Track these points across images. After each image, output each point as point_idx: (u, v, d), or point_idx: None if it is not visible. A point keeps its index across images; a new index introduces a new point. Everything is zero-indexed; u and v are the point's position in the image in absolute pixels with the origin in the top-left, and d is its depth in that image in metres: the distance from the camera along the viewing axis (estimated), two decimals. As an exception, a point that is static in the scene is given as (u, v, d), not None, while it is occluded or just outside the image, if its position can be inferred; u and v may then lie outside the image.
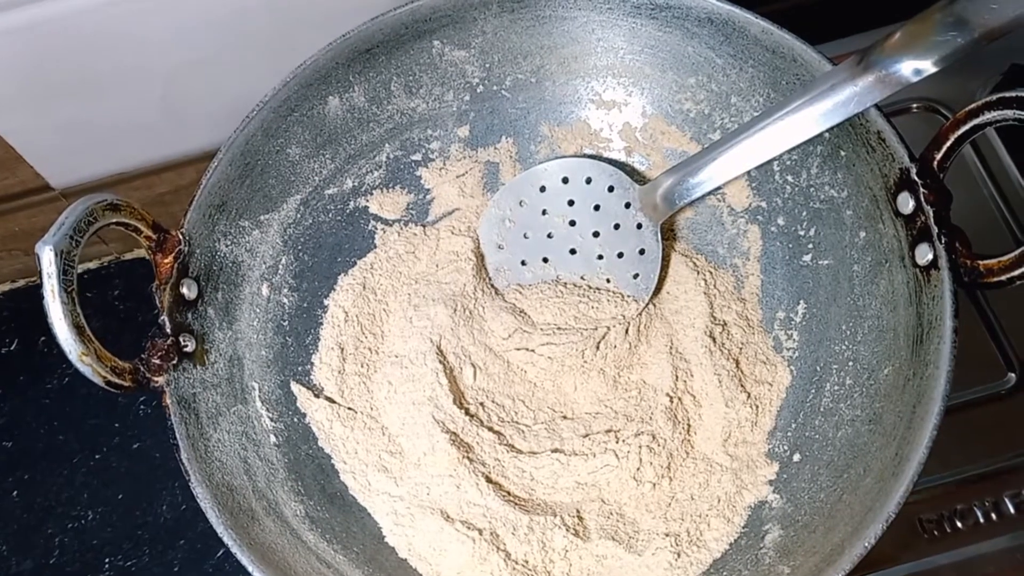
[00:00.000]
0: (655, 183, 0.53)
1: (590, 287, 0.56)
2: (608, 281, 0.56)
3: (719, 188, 0.53)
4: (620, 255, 0.55)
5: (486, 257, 0.57)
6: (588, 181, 0.55)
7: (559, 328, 0.54)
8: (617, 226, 0.55)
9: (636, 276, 0.55)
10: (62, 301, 0.39)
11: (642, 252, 0.55)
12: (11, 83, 0.57)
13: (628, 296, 0.55)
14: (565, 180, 0.55)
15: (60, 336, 0.39)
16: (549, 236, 0.56)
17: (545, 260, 0.57)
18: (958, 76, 0.64)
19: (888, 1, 0.56)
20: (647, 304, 0.55)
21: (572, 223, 0.56)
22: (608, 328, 0.54)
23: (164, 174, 0.68)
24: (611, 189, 0.55)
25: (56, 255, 0.39)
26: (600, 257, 0.56)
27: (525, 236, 0.57)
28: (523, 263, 0.57)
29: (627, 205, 0.55)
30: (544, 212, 0.56)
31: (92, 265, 0.71)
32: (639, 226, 0.54)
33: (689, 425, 0.52)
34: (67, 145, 0.63)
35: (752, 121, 0.49)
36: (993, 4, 0.41)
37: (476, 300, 0.56)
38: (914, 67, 0.42)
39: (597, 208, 0.55)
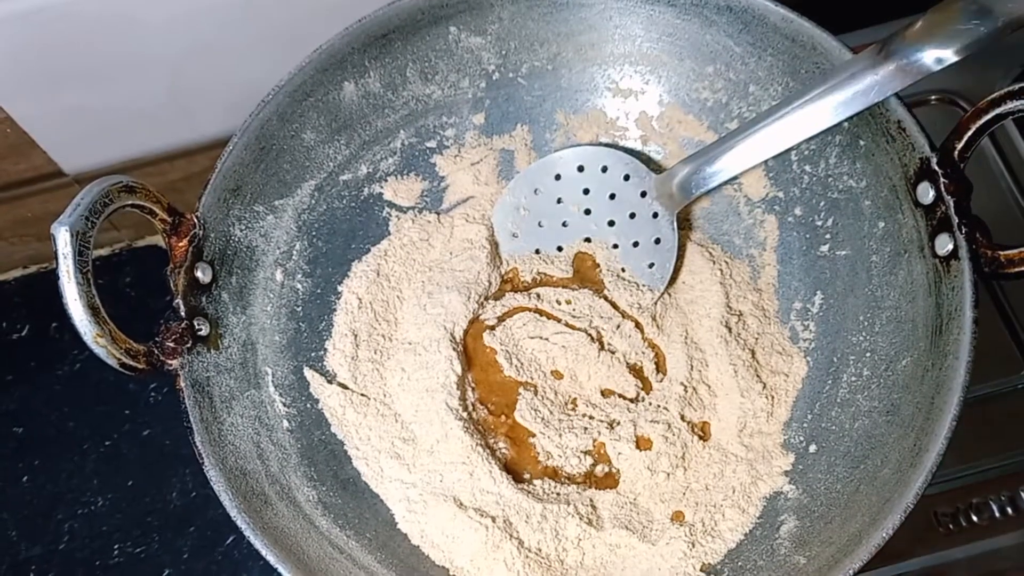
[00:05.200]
0: (671, 172, 0.53)
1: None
2: (623, 270, 0.56)
3: (736, 178, 0.52)
4: (635, 244, 0.55)
5: (500, 245, 0.57)
6: (604, 169, 0.55)
7: (573, 316, 0.54)
8: (633, 215, 0.55)
9: (651, 265, 0.55)
10: (77, 282, 0.39)
11: (658, 241, 0.54)
12: (21, 68, 0.57)
13: (643, 285, 0.55)
14: (580, 168, 0.55)
15: (75, 317, 0.39)
16: (564, 224, 0.56)
17: (559, 249, 0.57)
18: (977, 68, 0.64)
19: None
20: (662, 293, 0.55)
21: (587, 212, 0.56)
22: (623, 317, 0.54)
23: (176, 161, 0.68)
24: (627, 178, 0.54)
25: (72, 236, 0.39)
26: (615, 246, 0.56)
27: (540, 224, 0.56)
28: (537, 251, 0.57)
29: (643, 194, 0.54)
30: (559, 200, 0.56)
31: (104, 252, 0.71)
32: (655, 215, 0.54)
33: (704, 415, 0.52)
34: (79, 131, 0.63)
35: (770, 110, 0.49)
36: (1017, -8, 0.40)
37: (490, 288, 0.55)
38: (936, 56, 0.42)
39: (612, 197, 0.55)
